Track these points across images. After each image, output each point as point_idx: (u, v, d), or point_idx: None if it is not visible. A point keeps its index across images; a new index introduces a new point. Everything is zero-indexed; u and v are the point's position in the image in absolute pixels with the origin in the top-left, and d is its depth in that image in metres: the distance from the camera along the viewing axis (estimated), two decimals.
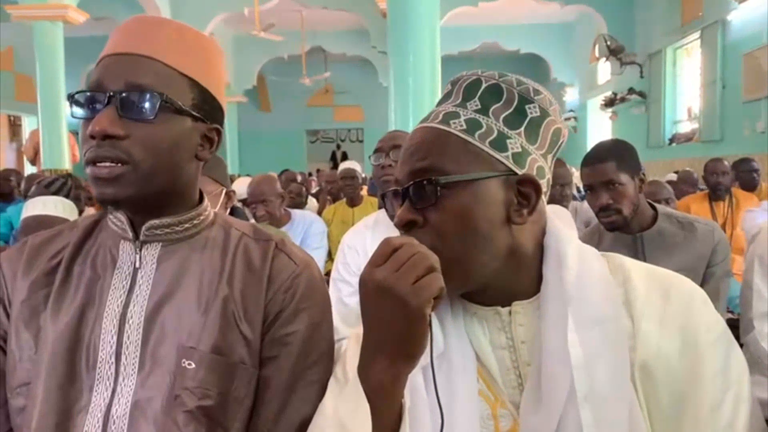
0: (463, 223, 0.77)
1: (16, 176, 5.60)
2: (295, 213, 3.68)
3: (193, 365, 0.85)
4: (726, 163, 4.40)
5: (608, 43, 9.98)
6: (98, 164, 0.82)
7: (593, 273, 0.78)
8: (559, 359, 0.74)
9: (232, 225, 0.99)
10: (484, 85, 0.82)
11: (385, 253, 0.71)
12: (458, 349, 0.79)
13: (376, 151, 2.03)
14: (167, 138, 0.85)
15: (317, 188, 8.63)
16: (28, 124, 12.84)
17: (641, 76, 10.05)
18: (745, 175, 4.82)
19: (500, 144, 0.79)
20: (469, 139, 0.79)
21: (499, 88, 0.82)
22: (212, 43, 0.95)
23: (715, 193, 4.37)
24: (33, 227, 1.88)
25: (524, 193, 0.80)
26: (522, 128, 0.81)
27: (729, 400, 0.73)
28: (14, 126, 13.89)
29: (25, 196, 4.06)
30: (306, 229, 3.55)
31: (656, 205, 2.05)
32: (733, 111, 7.59)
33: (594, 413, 0.71)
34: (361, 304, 0.73)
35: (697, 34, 8.48)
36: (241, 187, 5.93)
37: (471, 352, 0.80)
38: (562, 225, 0.84)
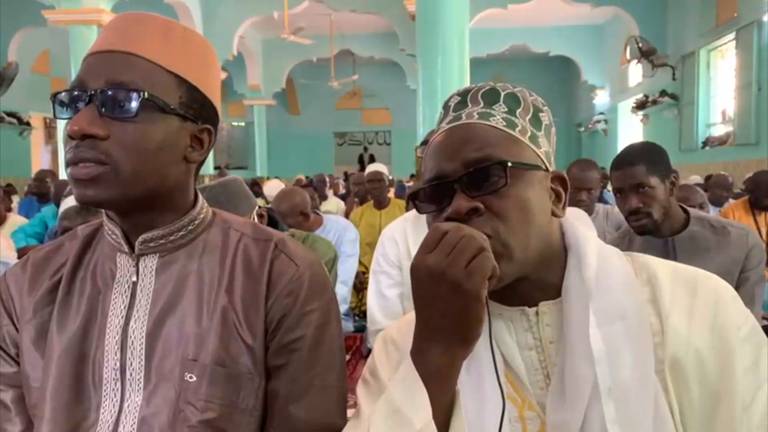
0: (525, 209, 0.77)
1: (52, 177, 5.73)
2: (328, 218, 3.59)
3: (195, 378, 0.82)
4: None
5: (640, 44, 9.84)
6: (78, 164, 0.79)
7: (613, 269, 0.79)
8: (582, 355, 0.74)
9: (231, 225, 0.94)
10: (502, 93, 0.83)
11: (435, 238, 0.71)
12: (485, 350, 0.78)
13: (425, 143, 2.02)
14: (150, 138, 0.81)
15: (344, 191, 8.68)
16: (63, 127, 13.10)
17: (673, 79, 9.89)
18: None
19: (535, 141, 0.81)
20: (513, 133, 0.80)
21: (515, 96, 0.84)
22: (203, 41, 0.90)
23: (760, 205, 4.23)
24: (74, 214, 1.95)
25: (555, 189, 0.83)
26: (542, 132, 0.83)
27: (761, 398, 0.73)
28: (49, 128, 14.20)
29: (56, 201, 4.16)
30: (339, 235, 3.47)
31: (688, 208, 2.01)
32: None
33: (618, 408, 0.72)
34: (414, 290, 0.72)
35: (731, 36, 8.33)
36: (273, 190, 5.99)
37: (497, 353, 0.80)
38: (580, 225, 0.85)
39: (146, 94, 0.79)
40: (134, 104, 0.79)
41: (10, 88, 10.58)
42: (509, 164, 0.76)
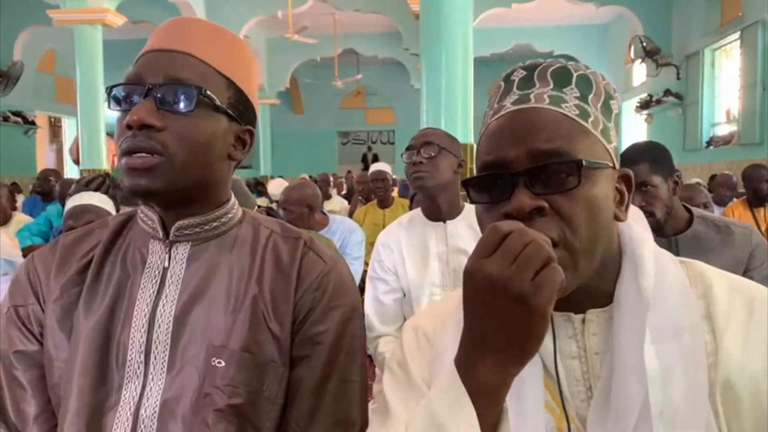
0: (593, 213, 0.69)
1: (55, 176, 5.75)
2: (334, 219, 3.55)
3: (223, 363, 0.84)
4: (765, 172, 4.26)
5: (644, 44, 9.82)
6: (133, 155, 0.82)
7: (671, 279, 0.73)
8: (633, 372, 0.68)
9: (260, 223, 0.98)
10: (574, 74, 0.75)
11: (494, 241, 0.61)
12: (537, 363, 0.72)
13: (408, 148, 2.02)
14: (203, 133, 0.85)
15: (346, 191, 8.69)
16: (68, 126, 13.17)
17: (678, 78, 9.86)
18: None
19: (606, 135, 0.74)
20: (586, 125, 0.72)
21: (588, 79, 0.75)
22: (247, 47, 0.96)
23: (757, 199, 4.26)
24: (79, 214, 1.94)
25: (619, 189, 0.76)
26: (612, 123, 0.76)
27: None
28: (55, 127, 14.24)
29: (62, 199, 4.16)
30: (345, 238, 3.43)
31: (692, 208, 2.01)
32: None
33: None
34: (467, 298, 0.64)
35: (736, 35, 8.30)
36: (277, 188, 5.98)
37: (538, 360, 0.73)
38: (638, 227, 0.78)
39: (203, 91, 0.84)
40: (191, 100, 0.84)
41: (15, 87, 10.61)
42: (584, 163, 0.68)
